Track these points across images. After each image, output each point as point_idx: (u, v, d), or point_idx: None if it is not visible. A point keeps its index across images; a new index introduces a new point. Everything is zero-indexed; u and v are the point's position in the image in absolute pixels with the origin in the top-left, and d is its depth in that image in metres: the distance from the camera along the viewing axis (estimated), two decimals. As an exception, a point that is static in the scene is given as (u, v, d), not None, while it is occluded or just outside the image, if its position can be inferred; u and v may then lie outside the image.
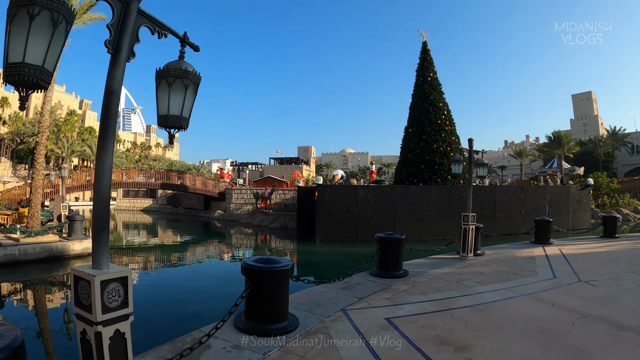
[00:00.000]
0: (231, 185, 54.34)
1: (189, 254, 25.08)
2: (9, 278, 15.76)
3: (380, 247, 10.32)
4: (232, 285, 14.13)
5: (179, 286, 15.31)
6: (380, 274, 10.30)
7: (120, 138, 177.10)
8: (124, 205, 74.91)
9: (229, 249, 26.91)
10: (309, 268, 19.61)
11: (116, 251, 25.79)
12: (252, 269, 6.30)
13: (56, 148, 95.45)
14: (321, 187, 26.58)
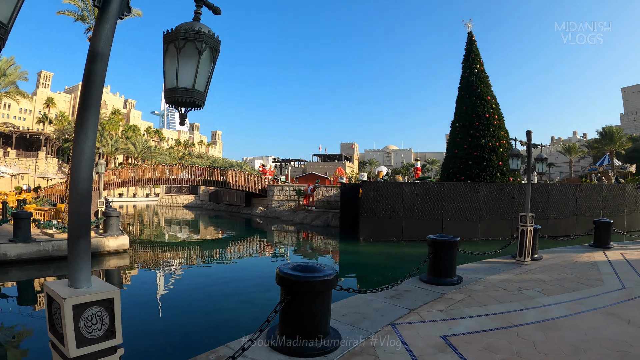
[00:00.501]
0: (273, 182, 53.96)
1: (229, 252, 24.56)
2: (43, 274, 15.61)
3: (432, 250, 9.45)
4: (271, 289, 13.43)
5: (215, 287, 14.74)
6: (432, 280, 9.44)
7: (164, 136, 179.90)
8: (167, 201, 75.62)
9: (269, 248, 26.27)
10: (352, 270, 18.70)
11: (157, 247, 25.71)
12: (289, 279, 5.35)
13: (100, 146, 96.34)
14: (365, 183, 25.69)
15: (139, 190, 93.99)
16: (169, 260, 21.10)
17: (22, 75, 40.65)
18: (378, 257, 20.66)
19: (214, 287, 14.82)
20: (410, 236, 24.43)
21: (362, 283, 15.23)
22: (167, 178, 49.89)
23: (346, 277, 16.20)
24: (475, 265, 12.13)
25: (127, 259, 18.96)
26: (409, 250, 21.80)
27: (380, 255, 21.00)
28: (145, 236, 32.91)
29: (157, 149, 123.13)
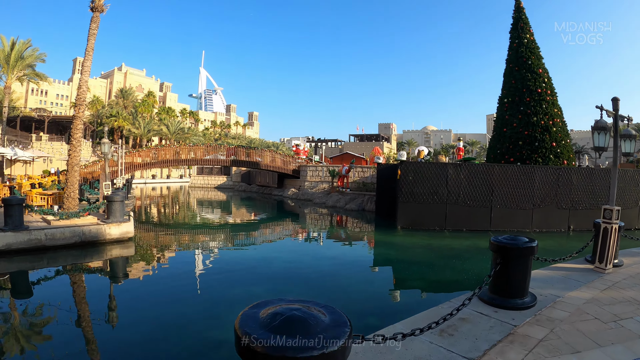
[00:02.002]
0: (306, 162, 51.59)
1: (255, 236, 22.54)
2: (35, 265, 14.17)
3: (499, 258, 6.60)
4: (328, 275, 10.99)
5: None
6: (497, 300, 6.67)
7: (200, 117, 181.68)
8: (199, 182, 74.79)
9: (298, 233, 23.98)
10: (386, 268, 15.72)
11: (176, 231, 23.92)
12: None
13: (133, 128, 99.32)
14: (404, 164, 22.73)
15: (172, 171, 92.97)
16: (184, 246, 19.34)
17: (40, 58, 40.44)
18: (417, 251, 17.57)
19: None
20: (454, 225, 21.70)
21: (398, 285, 12.56)
22: (195, 159, 48.77)
23: (378, 280, 13.36)
24: (545, 273, 9.21)
25: (132, 248, 16.92)
26: (452, 242, 18.93)
27: (419, 249, 17.94)
28: (169, 219, 31.25)
29: (191, 130, 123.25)
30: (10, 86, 37.99)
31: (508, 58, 28.19)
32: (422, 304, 9.98)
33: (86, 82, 19.43)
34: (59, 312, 9.77)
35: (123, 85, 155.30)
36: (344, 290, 11.35)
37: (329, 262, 15.12)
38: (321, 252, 17.52)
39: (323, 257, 16.30)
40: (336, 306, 2.98)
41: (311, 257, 16.30)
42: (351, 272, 13.67)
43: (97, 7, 18.96)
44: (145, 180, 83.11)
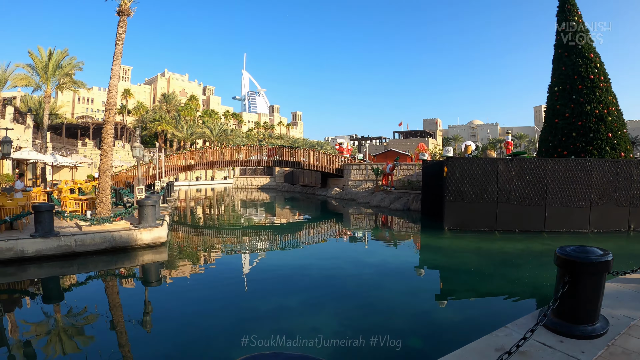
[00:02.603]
0: (350, 161, 50.59)
1: (299, 237, 21.69)
2: (65, 271, 14.03)
3: (569, 276, 5.27)
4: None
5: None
6: (562, 328, 5.34)
7: (243, 119, 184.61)
8: (242, 183, 75.06)
9: (339, 235, 22.88)
10: (433, 276, 14.10)
11: (216, 234, 23.38)
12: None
13: (176, 132, 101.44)
14: (451, 160, 21.25)
15: (216, 173, 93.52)
16: (221, 252, 18.42)
17: (77, 66, 41.24)
18: (466, 257, 15.98)
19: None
20: (505, 225, 20.13)
21: (445, 293, 11.35)
22: (237, 160, 48.67)
23: (423, 291, 11.74)
24: (613, 287, 7.72)
25: (164, 254, 16.40)
26: (504, 245, 17.42)
27: (468, 253, 16.39)
28: (209, 222, 30.80)
29: (234, 132, 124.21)
30: (49, 95, 38.93)
31: (556, 43, 26.38)
32: (471, 323, 8.72)
33: (115, 86, 18.97)
34: (87, 317, 9.79)
35: (167, 90, 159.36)
36: (386, 303, 10.15)
37: (370, 270, 13.88)
38: (362, 259, 16.16)
39: (364, 264, 15.00)
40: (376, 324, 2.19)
41: (352, 263, 15.07)
42: (394, 281, 12.36)
43: (123, 10, 18.72)
44: (190, 183, 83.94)
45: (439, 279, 13.42)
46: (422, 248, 19.10)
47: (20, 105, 62.87)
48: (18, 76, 37.95)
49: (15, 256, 14.18)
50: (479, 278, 12.88)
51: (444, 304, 10.33)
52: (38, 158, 29.29)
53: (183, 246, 19.63)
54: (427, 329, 8.44)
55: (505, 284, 11.89)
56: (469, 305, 10.23)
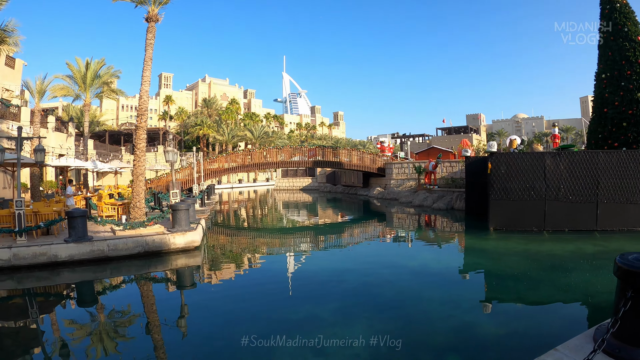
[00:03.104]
0: (391, 159, 49.62)
1: (335, 241, 20.73)
2: (98, 276, 14.17)
3: (632, 291, 4.30)
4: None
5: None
6: (623, 352, 4.27)
7: (284, 121, 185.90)
8: (283, 185, 75.06)
9: (380, 237, 22.06)
10: (477, 282, 12.81)
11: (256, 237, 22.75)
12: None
13: (218, 135, 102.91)
14: (495, 156, 20.06)
15: (259, 175, 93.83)
16: (257, 256, 17.93)
17: (115, 75, 42.17)
18: (512, 260, 14.73)
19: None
20: (554, 225, 18.86)
21: (490, 312, 9.76)
22: (276, 161, 48.57)
23: (466, 300, 10.46)
24: None
25: (198, 258, 16.18)
26: (553, 247, 16.20)
27: (515, 257, 15.16)
28: (248, 224, 30.48)
29: (276, 134, 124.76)
30: (89, 104, 40.07)
31: (600, 27, 24.84)
32: (517, 339, 7.77)
33: (146, 92, 19.07)
34: (117, 321, 9.93)
35: (208, 95, 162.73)
36: (425, 314, 9.31)
37: (409, 276, 12.98)
38: (402, 262, 15.17)
39: (403, 268, 14.10)
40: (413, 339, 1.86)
41: (390, 268, 14.20)
42: (434, 289, 11.43)
43: (151, 17, 18.81)
44: (232, 185, 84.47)
45: (482, 286, 12.33)
46: (466, 251, 18.00)
47: (62, 115, 64.76)
48: (57, 87, 38.77)
49: (49, 260, 14.34)
50: (526, 285, 11.78)
51: (488, 315, 9.35)
52: (78, 165, 29.67)
53: (218, 250, 19.24)
54: (468, 346, 7.54)
55: (555, 292, 10.72)
56: (515, 317, 9.20)
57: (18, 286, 13.10)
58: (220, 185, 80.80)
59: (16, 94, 39.13)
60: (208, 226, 26.44)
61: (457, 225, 25.07)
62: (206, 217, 28.47)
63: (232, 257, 17.81)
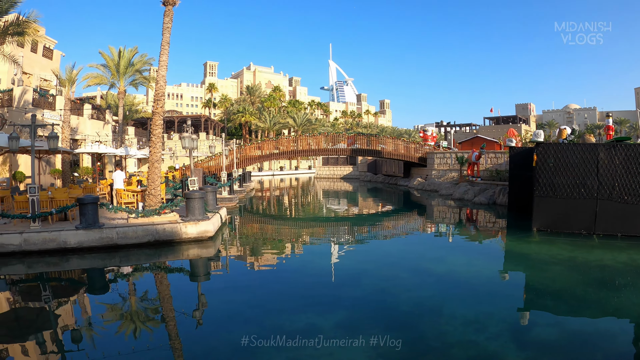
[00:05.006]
0: (434, 149, 47.85)
1: (361, 235, 19.54)
2: (106, 263, 14.24)
3: None
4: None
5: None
6: None
7: (329, 109, 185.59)
8: (324, 173, 74.68)
9: (409, 234, 20.60)
10: (512, 297, 10.62)
11: (280, 227, 22.61)
12: None
13: (260, 122, 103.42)
14: (542, 146, 17.95)
15: (301, 162, 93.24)
16: (276, 249, 17.15)
17: (149, 62, 43.09)
18: (555, 270, 12.70)
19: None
20: (605, 228, 16.67)
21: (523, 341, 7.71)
22: (315, 149, 48.13)
23: (494, 322, 8.42)
24: None
25: (211, 249, 15.73)
26: (604, 256, 14.14)
27: (559, 266, 13.11)
28: (278, 213, 29.79)
29: (319, 121, 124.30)
30: (123, 91, 41.07)
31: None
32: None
33: (163, 77, 18.63)
34: (125, 308, 10.12)
35: (253, 83, 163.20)
36: (441, 336, 7.69)
37: (432, 285, 11.23)
38: (428, 267, 13.31)
39: (428, 275, 12.39)
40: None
41: (413, 274, 12.54)
42: (459, 303, 9.62)
43: (168, 0, 18.45)
44: (273, 172, 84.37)
45: (515, 302, 10.29)
46: (502, 256, 16.17)
47: (101, 103, 65.93)
48: (91, 75, 40.23)
49: (59, 247, 14.38)
50: (568, 304, 9.81)
51: (517, 343, 7.51)
52: (109, 151, 30.07)
53: (234, 242, 18.56)
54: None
55: (603, 316, 8.86)
56: (551, 347, 7.32)
57: (28, 271, 13.43)
58: (261, 173, 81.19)
59: (54, 83, 39.85)
60: (235, 214, 25.93)
61: (497, 223, 23.26)
62: (234, 205, 27.84)
63: (246, 250, 17.24)
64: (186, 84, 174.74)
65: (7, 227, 15.30)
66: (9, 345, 8.09)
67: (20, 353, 7.75)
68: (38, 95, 32.51)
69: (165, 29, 18.46)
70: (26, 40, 24.08)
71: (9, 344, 8.14)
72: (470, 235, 19.96)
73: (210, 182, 29.94)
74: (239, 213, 27.21)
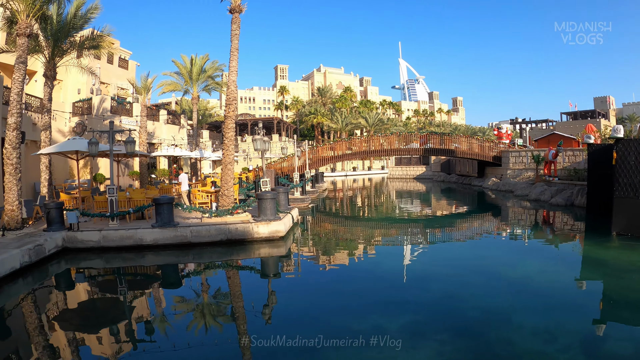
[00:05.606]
0: (508, 147, 46.45)
1: (433, 236, 19.20)
2: (181, 260, 15.23)
3: None
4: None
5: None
6: None
7: (401, 108, 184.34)
8: (397, 173, 73.96)
9: (482, 237, 20.07)
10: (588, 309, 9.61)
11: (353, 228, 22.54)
12: None
13: (332, 123, 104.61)
14: (622, 143, 16.68)
15: (374, 162, 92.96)
16: (346, 250, 17.26)
17: (220, 69, 44.29)
18: (635, 280, 11.60)
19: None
20: None
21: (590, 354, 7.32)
22: (387, 149, 47.96)
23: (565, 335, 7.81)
24: None
25: (282, 248, 16.06)
26: None
27: (639, 274, 12.15)
28: (350, 214, 29.93)
29: (391, 121, 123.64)
30: (196, 97, 42.87)
31: None
32: None
33: (234, 82, 19.31)
34: (196, 303, 10.74)
35: (323, 84, 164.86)
36: (509, 346, 7.32)
37: (503, 291, 10.69)
38: (499, 272, 12.69)
39: (499, 280, 11.84)
40: None
41: (484, 279, 12.02)
42: (530, 311, 9.11)
43: (234, 8, 19.22)
44: (346, 173, 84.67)
45: (590, 313, 9.46)
46: (578, 261, 15.21)
47: (175, 108, 69.07)
48: (165, 82, 42.69)
49: (135, 244, 15.46)
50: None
51: (590, 356, 7.13)
52: (184, 154, 31.46)
53: (305, 242, 18.85)
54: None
55: None
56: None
57: (106, 265, 14.63)
58: (334, 173, 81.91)
59: (130, 92, 42.67)
60: (307, 214, 26.19)
61: (574, 226, 22.05)
62: (306, 205, 28.08)
63: (316, 250, 17.40)
64: (258, 87, 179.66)
65: (87, 224, 16.59)
66: (85, 334, 8.73)
67: (96, 341, 8.30)
68: (116, 103, 34.99)
69: (234, 36, 19.12)
70: (102, 53, 25.64)
71: (86, 332, 8.79)
72: (546, 239, 19.02)
73: (283, 183, 30.58)
74: (311, 213, 27.46)
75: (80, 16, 22.34)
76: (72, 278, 13.66)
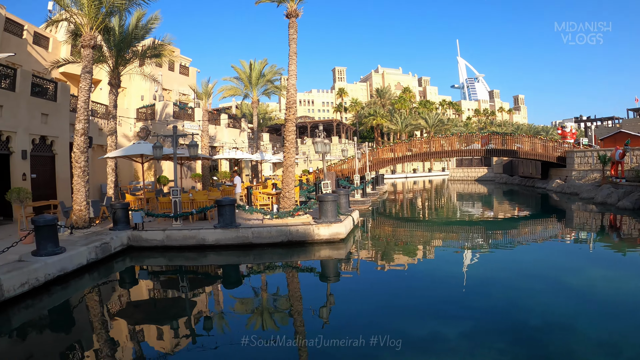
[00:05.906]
0: (573, 147, 44.95)
1: (496, 240, 18.83)
2: (241, 260, 15.65)
3: None
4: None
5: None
6: None
7: (461, 107, 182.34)
8: (458, 175, 73.08)
9: (546, 241, 19.44)
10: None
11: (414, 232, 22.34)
12: None
13: (391, 124, 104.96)
14: None
15: (434, 164, 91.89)
16: (406, 253, 17.15)
17: (278, 72, 45.00)
18: None
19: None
20: None
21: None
22: (447, 150, 47.43)
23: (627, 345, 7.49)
24: None
25: (342, 251, 16.06)
26: None
27: None
28: (411, 216, 29.68)
29: (451, 121, 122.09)
30: (256, 101, 43.64)
31: None
32: None
33: (293, 85, 19.79)
34: (255, 303, 11.10)
35: (381, 85, 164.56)
36: (570, 356, 7.14)
37: (566, 299, 10.14)
38: (562, 279, 12.07)
39: (563, 286, 11.31)
40: None
41: (546, 285, 11.52)
42: (593, 320, 8.66)
43: (291, 13, 19.68)
44: (407, 175, 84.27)
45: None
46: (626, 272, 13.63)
47: (236, 112, 70.60)
48: (225, 87, 43.71)
49: (197, 243, 16.04)
50: None
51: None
52: (245, 157, 32.38)
53: (366, 244, 18.83)
54: None
55: None
56: None
57: (169, 263, 15.40)
58: (394, 175, 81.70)
59: (191, 97, 44.40)
60: (368, 217, 26.20)
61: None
62: (366, 207, 28.17)
63: (376, 253, 17.40)
64: (316, 90, 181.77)
65: (151, 224, 17.41)
66: (145, 328, 9.29)
67: (155, 335, 8.82)
68: (178, 108, 36.52)
69: (291, 40, 19.55)
70: (163, 61, 27.12)
71: (146, 326, 9.37)
72: (613, 245, 18.01)
73: (343, 185, 30.76)
74: (372, 216, 27.50)
75: (141, 27, 23.43)
76: (136, 275, 14.38)
